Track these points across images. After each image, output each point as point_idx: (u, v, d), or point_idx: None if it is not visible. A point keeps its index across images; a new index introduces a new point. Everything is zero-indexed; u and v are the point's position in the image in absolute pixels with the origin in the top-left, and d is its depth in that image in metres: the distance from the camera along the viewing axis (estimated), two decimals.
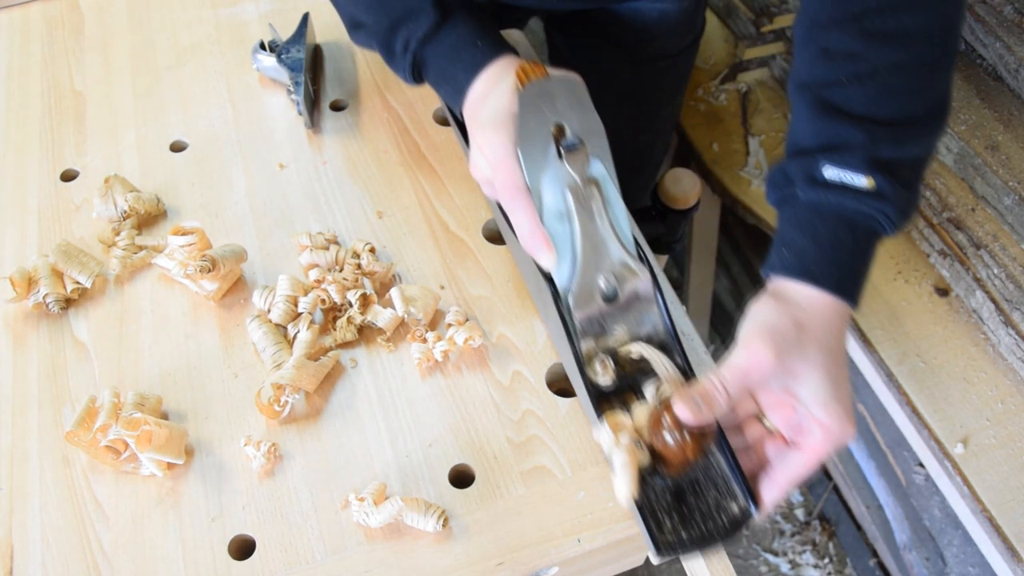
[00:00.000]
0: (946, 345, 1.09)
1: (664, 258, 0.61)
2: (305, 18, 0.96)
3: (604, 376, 0.63)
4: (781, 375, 0.57)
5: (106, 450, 0.65)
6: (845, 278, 0.60)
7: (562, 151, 0.63)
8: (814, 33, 0.64)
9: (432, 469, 0.66)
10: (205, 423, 0.69)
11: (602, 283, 0.63)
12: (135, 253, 0.79)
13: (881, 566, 1.44)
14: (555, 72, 0.66)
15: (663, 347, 0.64)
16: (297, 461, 0.67)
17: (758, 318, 0.59)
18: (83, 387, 0.72)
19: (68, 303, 0.77)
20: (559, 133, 0.64)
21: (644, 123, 1.15)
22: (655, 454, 0.58)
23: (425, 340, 0.72)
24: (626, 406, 0.62)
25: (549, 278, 0.65)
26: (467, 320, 0.73)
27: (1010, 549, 0.95)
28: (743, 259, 1.67)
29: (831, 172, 0.60)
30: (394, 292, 0.73)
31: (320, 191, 0.85)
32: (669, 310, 0.65)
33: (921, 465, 1.16)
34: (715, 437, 0.58)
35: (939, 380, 1.07)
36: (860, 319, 1.15)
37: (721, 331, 1.81)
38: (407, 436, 0.68)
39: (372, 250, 0.77)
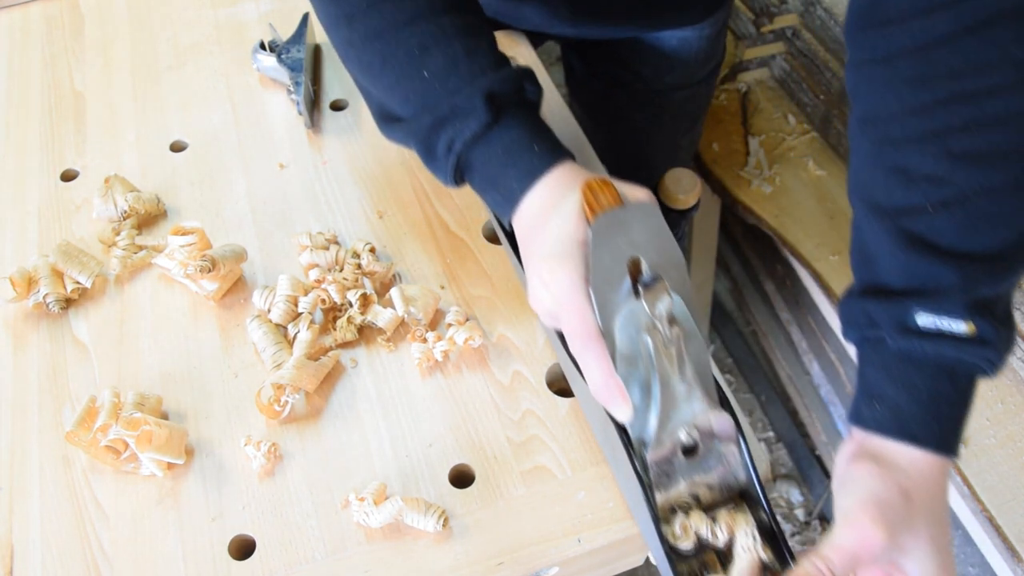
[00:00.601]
0: None
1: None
2: (305, 18, 0.97)
3: (685, 540, 0.56)
4: (889, 551, 0.52)
5: (106, 450, 0.65)
6: (947, 433, 0.55)
7: (639, 288, 0.55)
8: (886, 149, 0.57)
9: (432, 469, 0.66)
10: (205, 423, 0.69)
11: (683, 436, 0.56)
12: (135, 253, 0.79)
13: None
14: (627, 194, 0.59)
15: (746, 497, 0.58)
16: (297, 461, 0.67)
17: (862, 490, 0.53)
18: (83, 387, 0.72)
19: (68, 303, 0.77)
20: (635, 269, 0.56)
21: (661, 153, 1.13)
22: None
23: (425, 340, 0.72)
24: (706, 567, 0.56)
25: (622, 428, 0.58)
26: (467, 320, 0.73)
27: (1010, 549, 0.95)
28: (743, 259, 1.67)
29: (926, 320, 0.54)
30: (394, 292, 0.73)
31: (320, 191, 0.85)
32: (753, 459, 0.58)
33: None
34: None
35: None
36: None
37: (721, 331, 1.81)
38: (407, 436, 0.68)
39: (372, 250, 0.77)
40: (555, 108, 0.88)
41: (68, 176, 0.89)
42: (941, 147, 0.54)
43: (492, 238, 0.81)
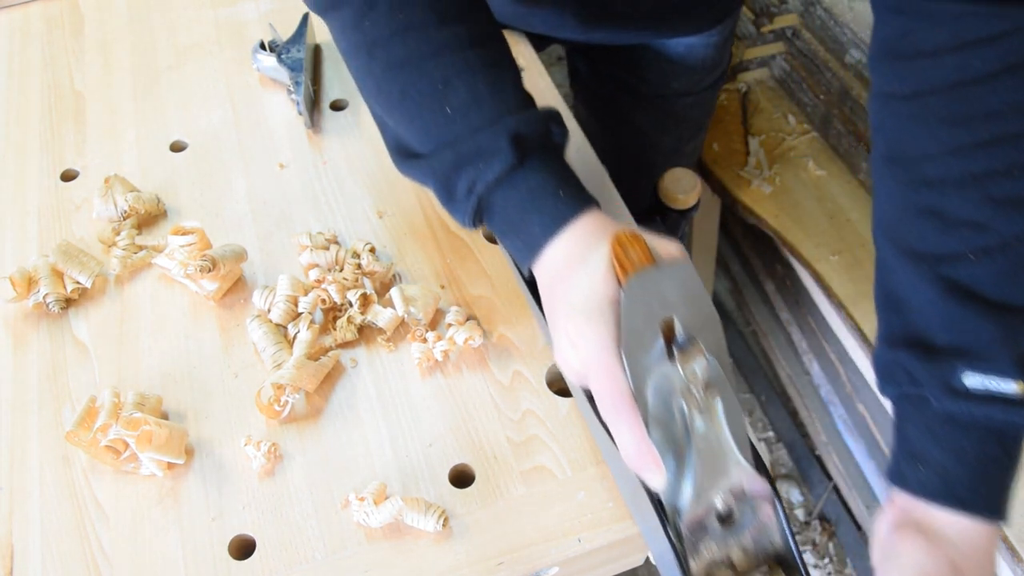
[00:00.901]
0: None
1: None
2: (305, 18, 0.97)
3: None
4: None
5: (106, 450, 0.65)
6: (996, 496, 0.53)
7: (673, 350, 0.53)
8: (920, 190, 0.54)
9: (432, 469, 0.66)
10: (205, 423, 0.69)
11: (719, 503, 0.54)
12: (135, 253, 0.79)
13: None
14: (658, 250, 0.56)
15: (783, 564, 0.56)
16: (297, 461, 0.67)
17: (911, 566, 0.51)
18: (83, 387, 0.72)
19: (68, 303, 0.77)
20: (668, 330, 0.54)
21: (665, 158, 1.12)
22: None
23: (425, 340, 0.72)
24: None
25: (655, 497, 0.55)
26: (467, 320, 0.73)
27: (1010, 549, 0.95)
28: (743, 259, 1.67)
29: (974, 380, 0.51)
30: (394, 292, 0.73)
31: (320, 191, 0.85)
32: (790, 523, 0.56)
33: None
34: None
35: None
36: (860, 319, 1.15)
37: None
38: (407, 436, 0.68)
39: (372, 250, 0.77)
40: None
41: (68, 176, 0.89)
42: (981, 192, 0.51)
43: (492, 238, 0.81)
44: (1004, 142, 0.51)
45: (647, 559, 0.70)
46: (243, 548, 0.63)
